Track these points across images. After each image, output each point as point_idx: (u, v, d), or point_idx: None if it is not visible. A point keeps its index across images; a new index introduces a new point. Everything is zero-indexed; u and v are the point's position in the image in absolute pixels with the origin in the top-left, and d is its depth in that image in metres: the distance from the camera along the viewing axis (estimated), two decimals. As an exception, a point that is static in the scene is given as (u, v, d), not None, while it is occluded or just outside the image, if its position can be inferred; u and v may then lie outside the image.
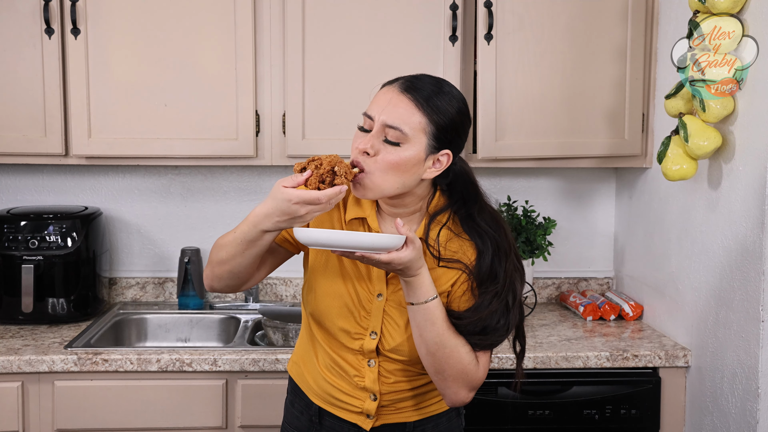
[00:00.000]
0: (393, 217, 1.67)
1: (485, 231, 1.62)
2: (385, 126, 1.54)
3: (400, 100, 1.55)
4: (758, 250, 1.96)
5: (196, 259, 2.75)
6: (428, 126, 1.55)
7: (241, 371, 2.25)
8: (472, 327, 1.58)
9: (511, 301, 1.61)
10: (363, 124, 1.58)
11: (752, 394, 2.00)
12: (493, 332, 1.59)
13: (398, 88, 1.57)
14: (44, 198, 2.80)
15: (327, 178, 1.49)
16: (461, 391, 1.60)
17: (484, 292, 1.60)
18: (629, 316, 2.63)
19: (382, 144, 1.54)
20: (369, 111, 1.58)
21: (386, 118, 1.54)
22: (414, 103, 1.54)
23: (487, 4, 2.42)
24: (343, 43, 2.45)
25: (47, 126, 2.43)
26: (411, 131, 1.54)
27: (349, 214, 1.68)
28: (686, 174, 2.15)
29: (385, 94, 1.57)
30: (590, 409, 2.29)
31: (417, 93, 1.55)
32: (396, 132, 1.53)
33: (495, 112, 2.45)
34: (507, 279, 1.61)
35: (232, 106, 2.45)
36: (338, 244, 1.46)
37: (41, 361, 2.20)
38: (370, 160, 1.55)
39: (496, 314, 1.58)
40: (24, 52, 2.41)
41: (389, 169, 1.55)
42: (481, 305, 1.59)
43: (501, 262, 1.61)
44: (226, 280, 1.65)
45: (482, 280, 1.61)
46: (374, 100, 1.59)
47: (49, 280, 2.49)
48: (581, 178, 2.90)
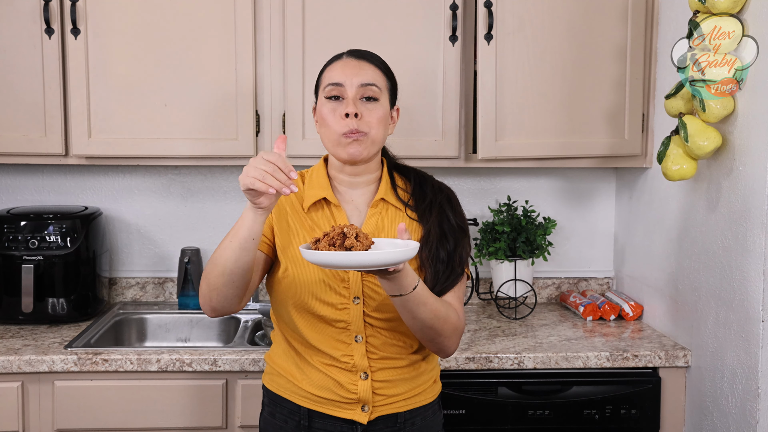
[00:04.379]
0: (351, 188, 1.78)
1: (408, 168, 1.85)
2: (362, 86, 1.71)
3: (362, 65, 1.74)
4: (758, 250, 1.96)
5: (196, 259, 2.75)
6: (387, 83, 1.77)
7: (241, 371, 2.25)
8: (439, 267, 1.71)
9: (449, 211, 1.76)
10: (331, 93, 1.72)
11: (752, 394, 2.00)
12: (452, 260, 1.72)
13: (353, 58, 1.75)
14: (44, 198, 2.80)
15: (337, 241, 1.49)
16: (454, 344, 1.74)
17: (420, 212, 1.76)
18: (629, 316, 2.63)
19: (362, 104, 1.71)
20: (336, 79, 1.72)
21: (361, 78, 1.71)
22: (374, 64, 1.76)
23: (487, 4, 2.42)
24: (343, 43, 2.44)
25: (47, 126, 2.43)
26: (382, 87, 1.74)
27: (307, 200, 1.76)
28: (686, 174, 2.15)
29: (345, 64, 1.74)
30: (590, 409, 2.29)
31: (371, 58, 1.77)
32: (374, 88, 1.72)
33: (495, 112, 2.45)
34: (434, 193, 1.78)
35: (232, 106, 2.45)
36: (357, 264, 1.46)
37: (41, 361, 2.20)
38: (361, 122, 1.70)
39: (441, 232, 1.73)
40: (24, 52, 2.41)
41: (379, 124, 1.73)
42: (429, 235, 1.72)
43: (426, 182, 1.81)
44: (223, 289, 1.64)
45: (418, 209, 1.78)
46: (333, 71, 1.74)
47: (49, 280, 2.49)
48: (581, 178, 2.90)
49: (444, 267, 1.72)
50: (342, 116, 1.70)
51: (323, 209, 1.77)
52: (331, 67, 1.77)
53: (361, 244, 1.48)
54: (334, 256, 1.44)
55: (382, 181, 1.80)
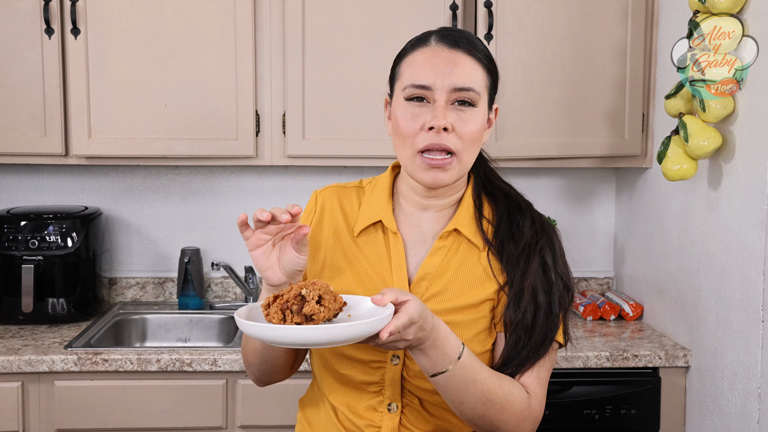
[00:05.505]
0: (420, 210, 1.40)
1: (502, 190, 1.44)
2: (454, 90, 1.30)
3: (458, 58, 1.31)
4: (758, 250, 1.96)
5: (196, 259, 2.75)
6: (488, 80, 1.35)
7: (241, 371, 2.25)
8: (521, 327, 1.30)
9: (550, 261, 1.33)
10: (413, 95, 1.31)
11: (752, 394, 2.00)
12: (541, 320, 1.30)
13: (445, 45, 1.32)
14: (44, 198, 2.80)
15: (293, 305, 1.14)
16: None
17: (508, 257, 1.34)
18: (629, 316, 2.63)
19: (454, 112, 1.31)
20: (421, 80, 1.31)
21: (455, 80, 1.30)
22: (472, 57, 1.32)
23: (487, 4, 2.42)
24: (343, 42, 2.45)
25: (47, 126, 2.43)
26: (481, 89, 1.33)
27: (359, 222, 1.41)
28: (686, 174, 2.15)
29: (434, 55, 1.32)
30: (590, 409, 2.29)
31: (469, 46, 1.33)
32: (471, 94, 1.31)
33: (495, 112, 2.45)
34: (535, 229, 1.37)
35: (232, 106, 2.45)
36: (300, 342, 1.11)
37: (41, 361, 2.20)
38: (452, 138, 1.30)
39: (533, 289, 1.31)
40: (24, 52, 2.41)
41: (474, 140, 1.33)
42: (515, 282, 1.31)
43: (523, 214, 1.39)
44: (263, 367, 1.41)
45: (504, 247, 1.35)
46: (416, 66, 1.33)
47: (49, 280, 2.49)
48: (581, 178, 2.90)
49: (527, 335, 1.31)
50: (425, 127, 1.30)
51: (376, 235, 1.40)
52: (412, 56, 1.34)
53: (327, 309, 1.14)
54: (265, 331, 1.10)
55: (462, 204, 1.40)
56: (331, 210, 1.44)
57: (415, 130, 1.31)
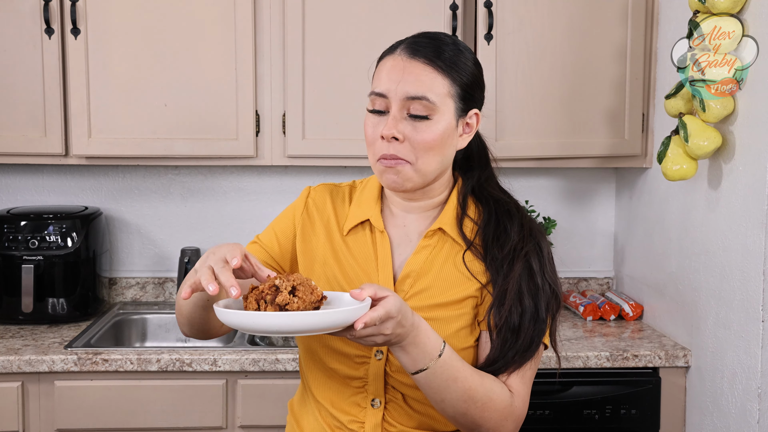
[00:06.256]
0: (405, 211, 1.44)
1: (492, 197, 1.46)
2: (406, 99, 1.32)
3: (415, 66, 1.33)
4: (758, 250, 1.96)
5: (196, 259, 2.74)
6: (452, 88, 1.35)
7: (241, 371, 2.25)
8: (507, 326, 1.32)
9: (537, 266, 1.35)
10: (373, 106, 1.36)
11: (752, 394, 2.00)
12: (527, 323, 1.32)
13: (406, 54, 1.35)
14: (44, 198, 2.80)
15: (267, 295, 1.18)
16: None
17: (492, 260, 1.36)
18: (629, 316, 2.63)
19: (409, 122, 1.33)
20: (378, 88, 1.35)
21: (407, 89, 1.32)
22: (431, 65, 1.34)
23: (487, 4, 2.42)
24: (343, 42, 2.45)
25: (47, 126, 2.43)
26: (438, 98, 1.33)
27: (349, 221, 1.45)
28: (686, 174, 2.15)
29: (393, 65, 1.35)
30: (590, 409, 2.29)
31: (429, 53, 1.34)
32: (422, 103, 1.32)
33: (495, 112, 2.45)
34: (524, 234, 1.37)
35: (232, 106, 2.45)
36: (271, 329, 1.14)
37: (41, 361, 2.20)
38: (403, 147, 1.33)
39: (519, 292, 1.33)
40: (24, 52, 2.41)
41: (429, 150, 1.33)
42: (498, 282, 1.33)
43: (512, 219, 1.40)
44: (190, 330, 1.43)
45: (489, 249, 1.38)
46: (379, 74, 1.37)
47: (49, 280, 2.49)
48: (581, 178, 2.90)
49: (514, 337, 1.33)
50: (382, 137, 1.34)
51: (364, 234, 1.43)
52: (381, 64, 1.38)
53: (301, 300, 1.17)
54: (240, 317, 1.14)
55: (447, 204, 1.44)
56: (323, 207, 1.49)
57: (375, 137, 1.36)
